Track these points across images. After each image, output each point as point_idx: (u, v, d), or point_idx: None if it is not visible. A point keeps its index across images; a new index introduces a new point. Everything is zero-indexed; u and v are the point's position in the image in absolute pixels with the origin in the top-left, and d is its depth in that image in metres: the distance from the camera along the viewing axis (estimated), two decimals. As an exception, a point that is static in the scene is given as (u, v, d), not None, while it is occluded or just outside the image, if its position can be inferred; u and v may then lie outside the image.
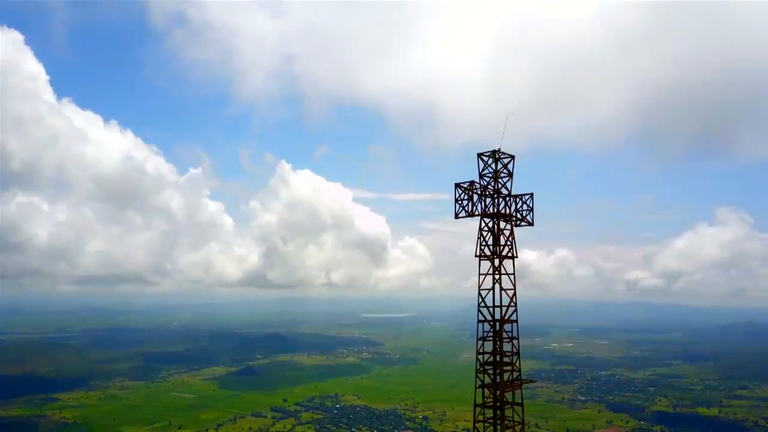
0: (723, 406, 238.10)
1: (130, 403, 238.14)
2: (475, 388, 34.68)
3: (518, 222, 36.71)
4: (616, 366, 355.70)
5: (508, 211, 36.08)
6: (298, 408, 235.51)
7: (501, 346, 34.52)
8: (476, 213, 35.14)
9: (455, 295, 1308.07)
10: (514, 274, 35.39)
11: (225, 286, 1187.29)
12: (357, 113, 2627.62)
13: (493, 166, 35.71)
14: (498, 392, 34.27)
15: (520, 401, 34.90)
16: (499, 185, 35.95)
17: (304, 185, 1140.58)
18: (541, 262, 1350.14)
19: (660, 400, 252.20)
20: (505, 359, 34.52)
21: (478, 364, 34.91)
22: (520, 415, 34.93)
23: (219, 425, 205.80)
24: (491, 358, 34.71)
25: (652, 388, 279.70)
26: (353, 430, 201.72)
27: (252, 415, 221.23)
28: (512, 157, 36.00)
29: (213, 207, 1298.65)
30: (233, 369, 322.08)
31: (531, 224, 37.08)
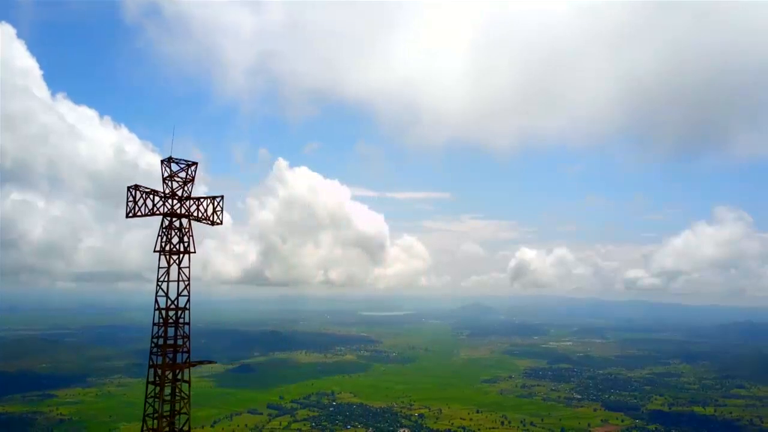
0: (719, 405, 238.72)
1: (127, 400, 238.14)
2: (148, 368, 38.71)
3: (211, 222, 41.16)
4: (613, 365, 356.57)
5: (189, 212, 40.32)
6: (295, 405, 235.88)
7: (179, 331, 39.26)
8: (144, 213, 39.20)
9: (454, 294, 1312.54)
10: (189, 267, 39.66)
11: (223, 283, 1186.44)
12: (343, 111, 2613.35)
13: (170, 170, 39.63)
14: (167, 371, 38.61)
15: (188, 379, 39.51)
16: (178, 188, 40.04)
17: (302, 183, 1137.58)
18: (540, 260, 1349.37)
19: (656, 399, 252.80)
20: (179, 342, 39.28)
21: (152, 345, 38.79)
22: (187, 392, 39.61)
23: (215, 422, 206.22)
24: (172, 341, 39.22)
25: (648, 387, 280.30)
26: (349, 427, 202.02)
27: (248, 412, 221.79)
28: (195, 163, 40.19)
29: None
30: (230, 366, 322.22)
31: (220, 223, 41.24)
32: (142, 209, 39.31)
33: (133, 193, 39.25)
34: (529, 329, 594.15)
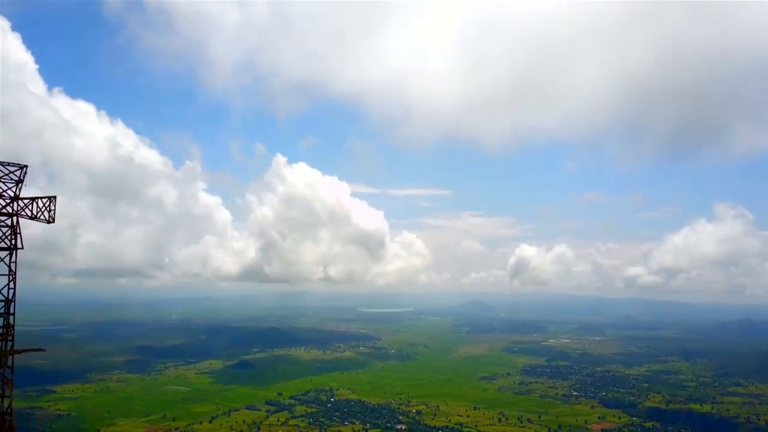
0: (716, 403, 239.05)
1: (125, 396, 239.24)
2: None
3: (46, 220, 44.34)
4: (611, 362, 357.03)
5: (18, 211, 43.65)
6: (293, 402, 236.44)
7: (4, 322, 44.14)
8: None
9: (454, 291, 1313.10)
10: (16, 262, 43.46)
11: (223, 280, 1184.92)
12: (339, 107, 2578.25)
13: None
14: None
15: (11, 365, 44.11)
16: (8, 189, 42.89)
17: (300, 179, 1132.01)
18: (540, 257, 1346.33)
19: (654, 396, 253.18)
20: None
21: None
22: (10, 377, 43.96)
23: (213, 418, 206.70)
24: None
25: (646, 384, 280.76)
26: (346, 423, 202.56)
27: (246, 408, 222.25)
28: (25, 166, 42.82)
29: (210, 200, 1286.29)
30: (230, 363, 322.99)
31: (52, 221, 44.52)
32: None
33: None
34: (528, 326, 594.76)
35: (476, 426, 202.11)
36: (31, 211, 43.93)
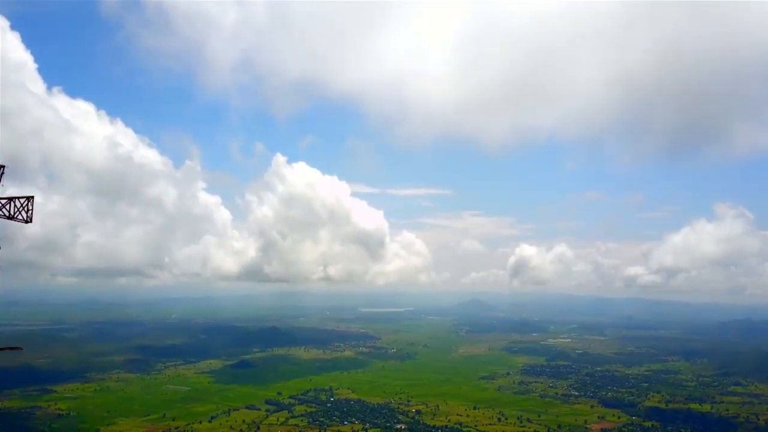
0: (715, 402, 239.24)
1: (125, 395, 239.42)
2: None
3: (24, 220, 44.45)
4: (611, 362, 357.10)
5: None
6: (293, 401, 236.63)
7: None
8: None
9: (454, 291, 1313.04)
10: None
11: (223, 279, 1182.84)
12: (338, 106, 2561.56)
13: None
14: None
15: None
16: None
17: (300, 178, 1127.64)
18: (540, 257, 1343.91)
19: (653, 396, 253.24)
20: None
21: None
22: None
23: (213, 417, 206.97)
24: None
25: (645, 384, 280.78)
26: (346, 423, 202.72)
27: (246, 408, 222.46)
28: (2, 166, 42.72)
29: (209, 200, 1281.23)
30: (229, 362, 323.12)
31: (30, 221, 44.49)
32: None
33: None
34: (528, 326, 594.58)
35: (476, 425, 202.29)
36: (9, 211, 43.94)
